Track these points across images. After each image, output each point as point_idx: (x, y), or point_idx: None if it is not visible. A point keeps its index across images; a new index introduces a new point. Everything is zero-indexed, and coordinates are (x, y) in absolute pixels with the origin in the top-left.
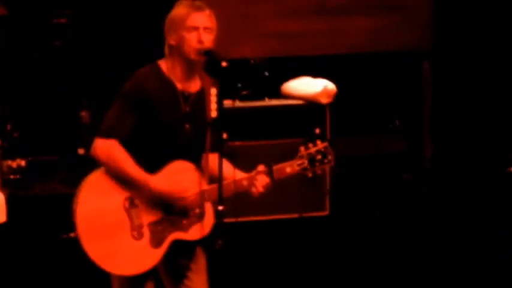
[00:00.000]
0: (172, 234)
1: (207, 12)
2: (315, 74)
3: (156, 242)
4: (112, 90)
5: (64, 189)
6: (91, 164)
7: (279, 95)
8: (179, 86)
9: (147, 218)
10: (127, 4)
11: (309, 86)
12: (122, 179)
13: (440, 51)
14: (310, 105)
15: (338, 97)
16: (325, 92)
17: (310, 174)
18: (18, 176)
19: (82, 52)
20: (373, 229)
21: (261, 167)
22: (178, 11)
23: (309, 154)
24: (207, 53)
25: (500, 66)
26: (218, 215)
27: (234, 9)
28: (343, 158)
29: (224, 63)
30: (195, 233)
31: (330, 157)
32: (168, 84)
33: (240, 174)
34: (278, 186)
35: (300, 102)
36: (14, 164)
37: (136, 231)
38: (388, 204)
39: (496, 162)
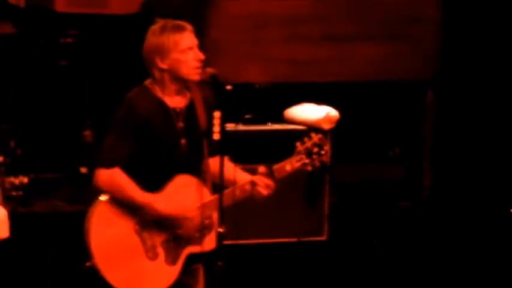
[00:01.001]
0: (187, 249)
1: (190, 27)
2: (319, 101)
3: (172, 259)
4: (114, 110)
5: (65, 207)
6: (91, 182)
7: (282, 120)
8: (170, 103)
9: (159, 237)
10: (132, 25)
11: (311, 112)
12: (128, 206)
13: (444, 80)
14: (311, 130)
15: (340, 124)
16: (327, 118)
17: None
18: (20, 193)
19: (87, 72)
20: (371, 255)
21: (261, 169)
22: (164, 36)
23: (306, 148)
24: (211, 77)
25: (504, 99)
26: (217, 236)
27: (241, 34)
28: (343, 184)
29: (228, 87)
30: (208, 243)
31: (326, 148)
32: (160, 104)
33: (240, 173)
34: (278, 209)
35: (301, 127)
36: (16, 181)
37: (151, 252)
38: (385, 231)
39: (494, 195)
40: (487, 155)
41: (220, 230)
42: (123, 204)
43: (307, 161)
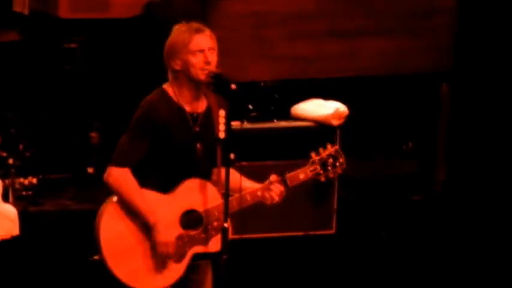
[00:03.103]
0: (193, 249)
1: (208, 32)
2: (330, 97)
3: (178, 257)
4: (120, 112)
5: (73, 206)
6: (100, 182)
7: (289, 117)
8: (187, 107)
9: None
10: (136, 29)
11: (320, 108)
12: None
13: (459, 73)
14: (320, 126)
15: (353, 118)
16: (336, 113)
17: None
18: (30, 193)
19: (91, 76)
20: (379, 249)
21: (273, 177)
22: (179, 36)
23: (321, 159)
24: (216, 77)
25: None
26: (223, 231)
27: (246, 32)
28: (354, 179)
29: (233, 86)
30: (214, 245)
31: (341, 160)
32: (177, 108)
33: (246, 182)
34: (286, 204)
35: (309, 124)
36: (26, 182)
37: None
38: (396, 225)
39: (509, 190)
40: (501, 149)
41: (226, 225)
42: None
43: (321, 171)
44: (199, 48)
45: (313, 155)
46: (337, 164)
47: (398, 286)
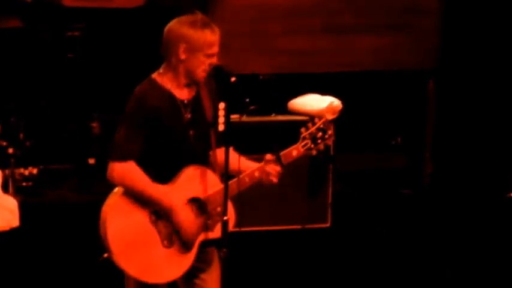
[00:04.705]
0: (200, 236)
1: (218, 32)
2: (322, 91)
3: (187, 246)
4: (122, 103)
5: (74, 197)
6: (100, 173)
7: (286, 111)
8: (178, 94)
9: (173, 225)
10: (139, 19)
11: (315, 103)
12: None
13: (445, 70)
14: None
15: (343, 113)
16: (330, 108)
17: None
18: (30, 184)
19: (94, 65)
20: (373, 242)
21: (268, 156)
22: (204, 32)
23: (311, 133)
24: (216, 69)
25: (504, 89)
26: (222, 225)
27: (244, 26)
28: (346, 172)
29: (233, 79)
30: (220, 231)
31: (330, 132)
32: (168, 96)
33: (245, 162)
34: (281, 197)
35: (305, 118)
36: (26, 172)
37: (167, 240)
38: (387, 218)
39: (494, 183)
40: (486, 143)
41: (225, 218)
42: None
43: (312, 145)
44: (213, 52)
45: (303, 130)
46: (326, 136)
47: (393, 278)
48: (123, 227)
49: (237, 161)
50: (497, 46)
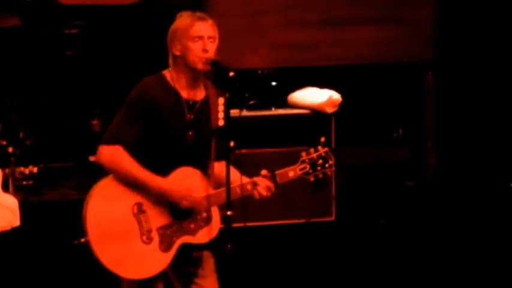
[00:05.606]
0: (181, 239)
1: (210, 21)
2: (322, 84)
3: (165, 246)
4: (122, 99)
5: (74, 195)
6: (101, 171)
7: (286, 105)
8: (184, 94)
9: (156, 222)
10: (137, 16)
11: (314, 96)
12: (130, 184)
13: (444, 62)
14: (316, 114)
15: (343, 107)
16: (330, 101)
17: (312, 179)
18: (30, 182)
19: (93, 62)
20: (378, 234)
21: (264, 172)
22: (181, 21)
23: (311, 159)
24: (214, 64)
25: (505, 77)
26: (226, 220)
27: (243, 20)
28: (349, 165)
29: (231, 73)
30: (202, 236)
31: (330, 162)
32: (173, 93)
33: (246, 181)
34: (286, 192)
35: (305, 111)
36: (26, 171)
37: (146, 235)
38: (391, 211)
39: (498, 173)
40: (487, 133)
41: (229, 213)
42: (126, 184)
43: (310, 171)
44: (198, 34)
45: (303, 154)
46: (326, 165)
47: (398, 271)
48: (105, 212)
49: (239, 178)
50: (496, 37)
